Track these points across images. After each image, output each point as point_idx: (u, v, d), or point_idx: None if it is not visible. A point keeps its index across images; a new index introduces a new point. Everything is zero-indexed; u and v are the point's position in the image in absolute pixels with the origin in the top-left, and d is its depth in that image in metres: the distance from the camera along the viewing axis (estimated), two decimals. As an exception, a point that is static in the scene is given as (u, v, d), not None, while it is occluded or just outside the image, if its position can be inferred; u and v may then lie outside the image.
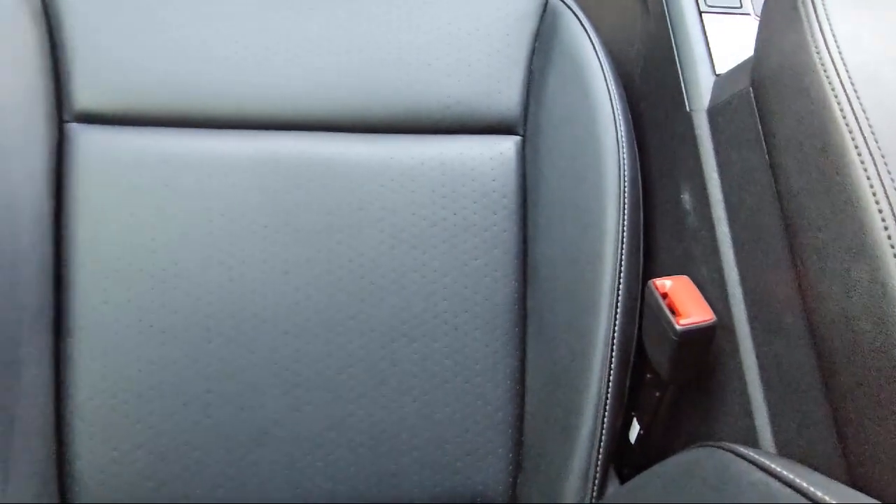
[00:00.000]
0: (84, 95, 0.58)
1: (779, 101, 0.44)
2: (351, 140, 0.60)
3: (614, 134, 0.57)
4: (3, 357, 0.51)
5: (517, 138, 0.62)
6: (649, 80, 0.60)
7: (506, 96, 0.62)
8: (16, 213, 0.54)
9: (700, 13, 0.57)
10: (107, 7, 0.59)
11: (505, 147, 0.62)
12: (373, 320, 0.58)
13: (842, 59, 0.40)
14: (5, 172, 0.54)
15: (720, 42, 0.56)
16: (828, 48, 0.40)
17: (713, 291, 0.50)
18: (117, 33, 0.58)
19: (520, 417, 0.59)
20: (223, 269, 0.57)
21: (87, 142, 0.57)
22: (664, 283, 0.50)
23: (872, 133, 0.37)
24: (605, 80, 0.59)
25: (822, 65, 0.40)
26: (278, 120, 0.60)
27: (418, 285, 0.59)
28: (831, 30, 0.41)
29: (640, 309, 0.55)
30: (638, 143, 0.59)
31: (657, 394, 0.53)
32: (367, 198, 0.59)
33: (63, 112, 0.58)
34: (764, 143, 0.46)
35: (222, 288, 0.57)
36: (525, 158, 0.62)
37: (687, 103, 0.54)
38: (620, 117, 0.58)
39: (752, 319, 0.47)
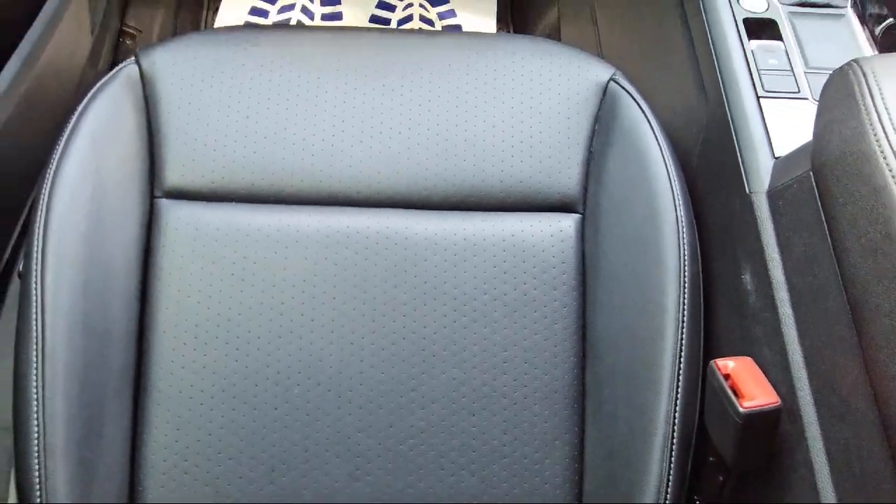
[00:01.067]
0: (174, 174, 0.63)
1: (840, 186, 0.44)
2: (418, 216, 0.63)
3: (674, 213, 0.58)
4: (90, 415, 0.54)
5: (577, 216, 0.64)
6: (708, 161, 0.61)
7: (566, 176, 0.64)
8: (110, 280, 0.59)
9: (758, 98, 0.58)
10: (197, 96, 0.64)
11: (565, 225, 0.63)
12: (434, 392, 0.59)
13: (903, 148, 0.40)
14: (102, 243, 0.59)
15: (779, 125, 0.57)
16: (886, 136, 0.41)
17: (777, 374, 0.49)
18: (205, 119, 0.64)
19: (578, 496, 0.58)
20: (293, 338, 0.60)
21: (175, 216, 0.62)
22: (727, 364, 0.50)
23: (937, 221, 0.37)
24: (664, 160, 0.60)
25: (882, 152, 0.40)
26: (351, 197, 0.63)
27: (479, 358, 0.60)
28: (889, 117, 0.42)
29: (702, 389, 0.54)
30: (697, 223, 0.60)
31: (721, 478, 0.52)
32: (431, 272, 0.61)
33: (154, 189, 0.63)
34: (826, 226, 0.46)
35: (291, 356, 0.59)
36: (585, 236, 0.63)
37: (746, 185, 0.55)
38: (679, 197, 0.59)
39: (819, 404, 0.46)
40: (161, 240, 0.62)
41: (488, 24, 1.17)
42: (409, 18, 1.17)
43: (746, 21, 0.62)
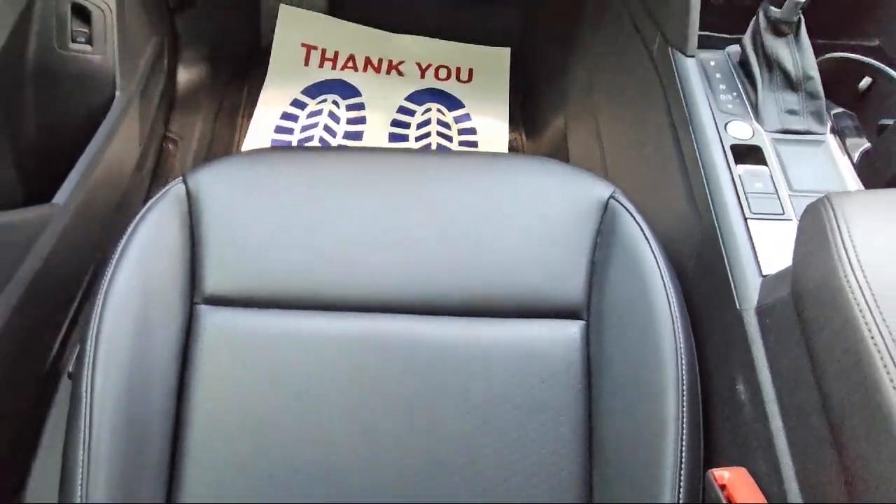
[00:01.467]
0: (212, 282, 0.69)
1: (816, 312, 0.49)
2: (433, 322, 0.68)
3: (671, 325, 0.62)
4: None
5: (582, 323, 0.68)
6: (702, 276, 0.66)
7: (571, 286, 0.69)
8: (151, 381, 0.64)
9: (745, 219, 0.64)
10: (235, 212, 0.71)
11: (571, 331, 0.68)
12: (447, 491, 0.62)
13: (868, 284, 0.45)
14: (147, 346, 0.64)
15: (765, 245, 0.62)
16: (854, 272, 0.46)
17: (770, 485, 0.52)
18: (242, 232, 0.70)
19: None
20: (317, 433, 0.64)
21: (212, 321, 0.68)
22: (723, 475, 0.53)
23: (899, 354, 0.42)
24: (661, 275, 0.65)
25: (850, 289, 0.45)
26: (372, 304, 0.69)
27: (490, 459, 0.64)
28: (856, 254, 0.47)
29: (702, 496, 0.57)
30: (694, 333, 0.64)
31: (721, 585, 0.54)
32: (445, 375, 0.66)
33: (195, 295, 0.69)
34: (807, 348, 0.50)
35: (316, 451, 0.63)
36: (590, 342, 0.68)
37: (737, 302, 0.60)
38: (676, 310, 0.63)
39: (809, 517, 0.49)
40: (199, 343, 0.67)
41: (501, 127, 1.26)
42: (427, 122, 1.26)
43: (733, 147, 0.68)
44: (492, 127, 1.26)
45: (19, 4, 0.66)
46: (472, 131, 1.25)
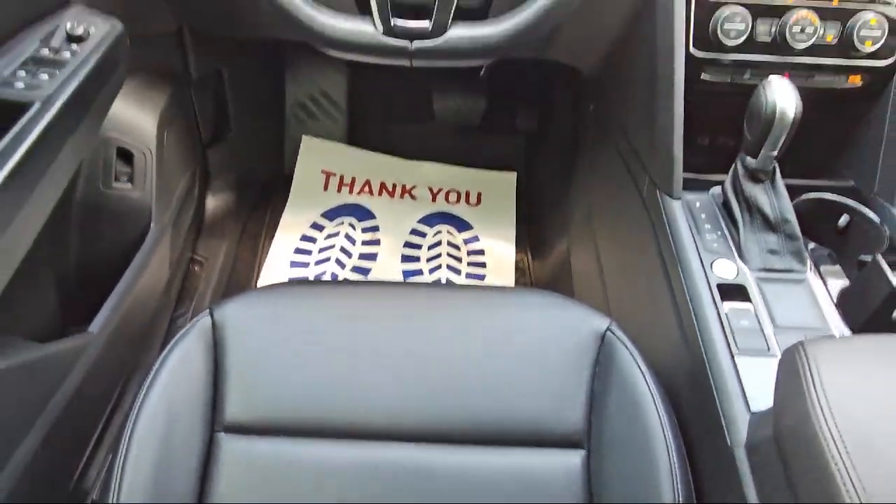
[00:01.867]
0: (232, 411, 0.73)
1: (795, 456, 0.52)
2: (440, 451, 0.71)
3: (667, 459, 0.65)
4: None
5: (582, 452, 0.71)
6: (694, 408, 0.70)
7: (571, 416, 0.73)
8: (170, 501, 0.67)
9: (733, 356, 0.68)
10: (255, 344, 0.76)
11: (572, 461, 0.71)
12: None
13: (839, 431, 0.48)
14: (168, 473, 0.68)
15: (753, 381, 0.66)
16: (826, 420, 0.49)
17: None
18: (261, 363, 0.75)
19: None
20: None
21: (231, 448, 0.71)
22: None
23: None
24: (656, 406, 0.68)
25: (823, 436, 0.49)
26: (382, 432, 0.72)
27: None
28: (827, 403, 0.50)
29: None
30: (690, 464, 0.67)
31: None
32: (451, 502, 0.68)
33: (215, 423, 0.73)
34: (791, 489, 0.53)
35: None
36: (590, 471, 0.70)
37: (728, 437, 0.63)
38: (672, 441, 0.66)
39: None
40: (218, 471, 0.70)
41: (508, 249, 1.32)
42: (437, 244, 1.33)
43: (720, 286, 0.73)
44: (499, 249, 1.32)
45: (79, 159, 0.75)
46: (481, 252, 1.32)
